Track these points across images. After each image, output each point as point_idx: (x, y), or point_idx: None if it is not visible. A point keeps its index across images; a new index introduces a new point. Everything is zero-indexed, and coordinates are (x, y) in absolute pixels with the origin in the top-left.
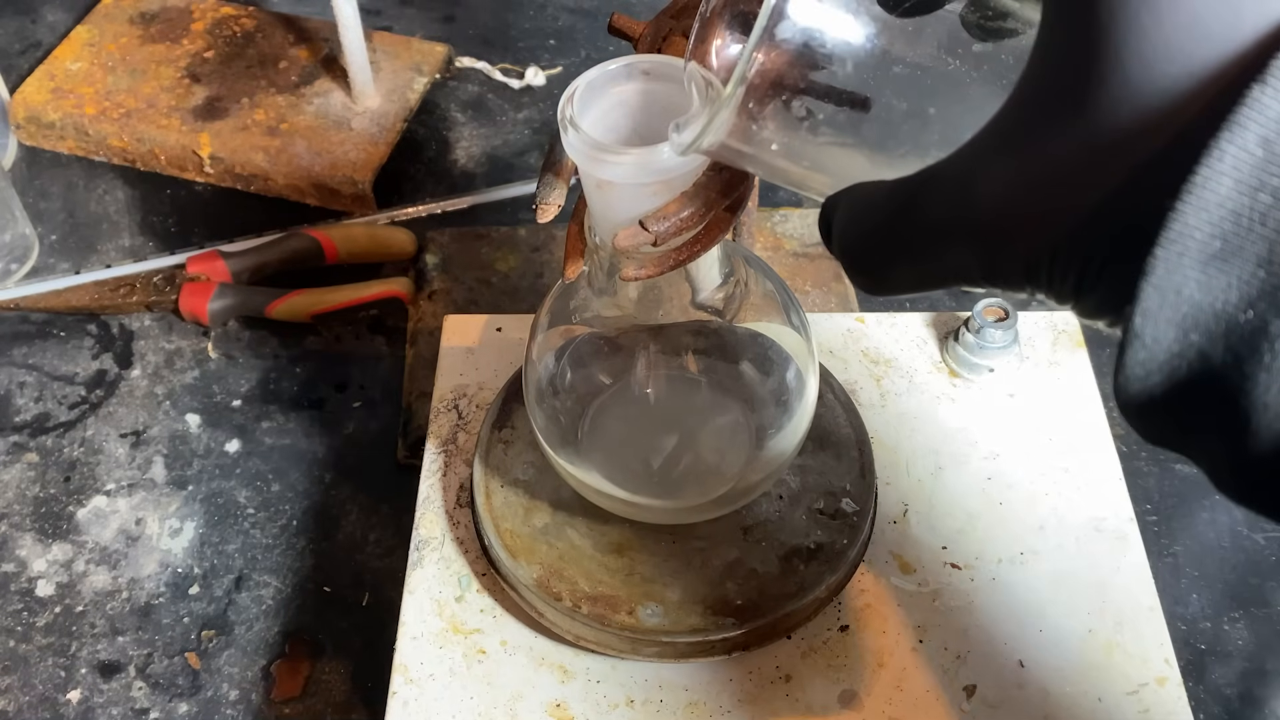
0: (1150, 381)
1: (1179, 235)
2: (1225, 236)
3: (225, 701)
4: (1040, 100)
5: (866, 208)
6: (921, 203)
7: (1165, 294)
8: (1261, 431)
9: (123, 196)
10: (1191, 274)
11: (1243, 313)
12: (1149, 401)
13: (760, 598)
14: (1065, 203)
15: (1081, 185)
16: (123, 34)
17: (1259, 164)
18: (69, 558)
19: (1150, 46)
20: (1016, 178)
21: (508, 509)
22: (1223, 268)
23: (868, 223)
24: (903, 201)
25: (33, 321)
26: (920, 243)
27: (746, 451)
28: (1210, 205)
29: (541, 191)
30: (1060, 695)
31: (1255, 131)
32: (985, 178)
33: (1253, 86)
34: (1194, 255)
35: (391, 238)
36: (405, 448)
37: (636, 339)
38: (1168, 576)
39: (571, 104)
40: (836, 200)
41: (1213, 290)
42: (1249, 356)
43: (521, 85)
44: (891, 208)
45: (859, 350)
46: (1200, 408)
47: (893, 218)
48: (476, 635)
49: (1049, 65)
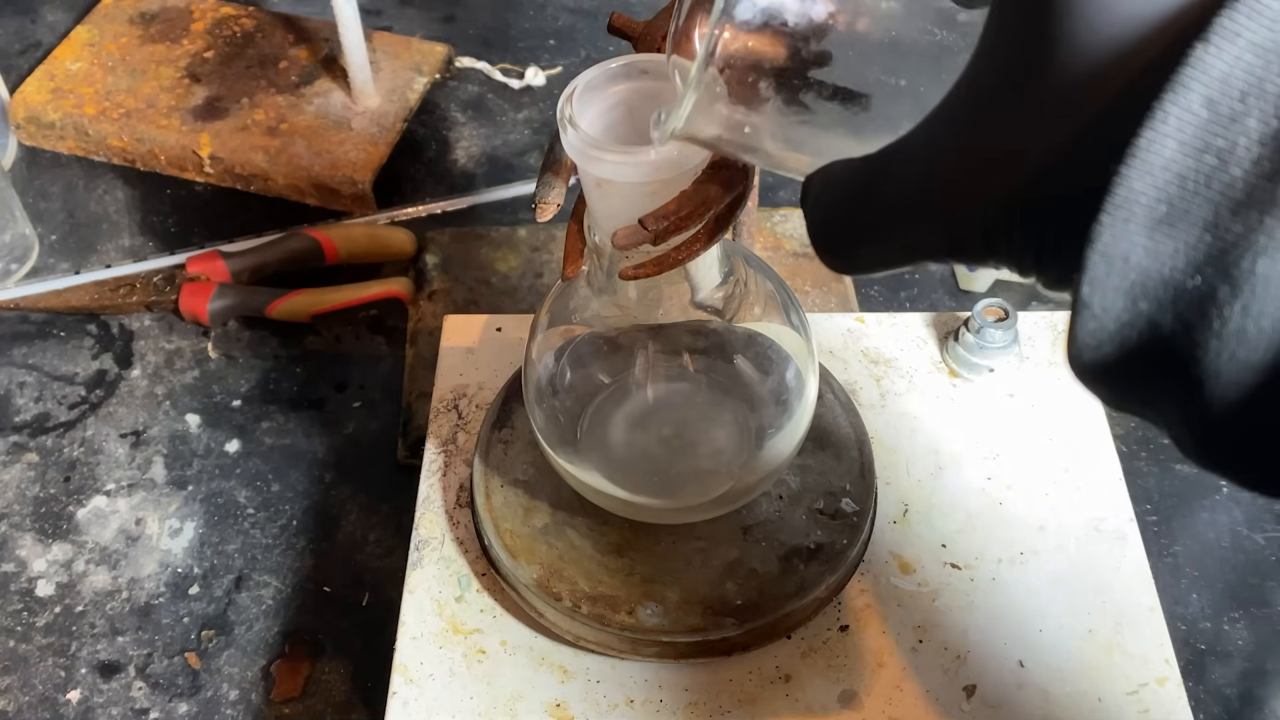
0: (1102, 351)
1: (1124, 200)
2: (1171, 201)
3: (225, 701)
4: (991, 67)
5: (833, 186)
6: (884, 179)
7: (1112, 261)
8: (1215, 399)
9: (123, 196)
10: (1138, 240)
11: (1190, 278)
12: (1103, 371)
13: (760, 598)
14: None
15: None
16: (123, 34)
17: (1203, 125)
18: (69, 558)
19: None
20: (970, 147)
21: (508, 509)
22: (1169, 233)
23: (832, 201)
24: (867, 178)
25: (33, 321)
26: (884, 220)
27: (746, 451)
28: (1155, 169)
29: (541, 191)
30: (1060, 695)
31: (1199, 92)
32: (941, 150)
33: (1195, 45)
34: (1140, 221)
35: (391, 238)
36: (405, 448)
37: (636, 339)
38: (1168, 576)
39: (571, 103)
40: (811, 179)
41: (1160, 256)
42: (1198, 323)
43: (521, 85)
44: (855, 185)
45: (859, 350)
46: (1154, 374)
47: (856, 195)
48: (476, 635)
49: (1000, 32)
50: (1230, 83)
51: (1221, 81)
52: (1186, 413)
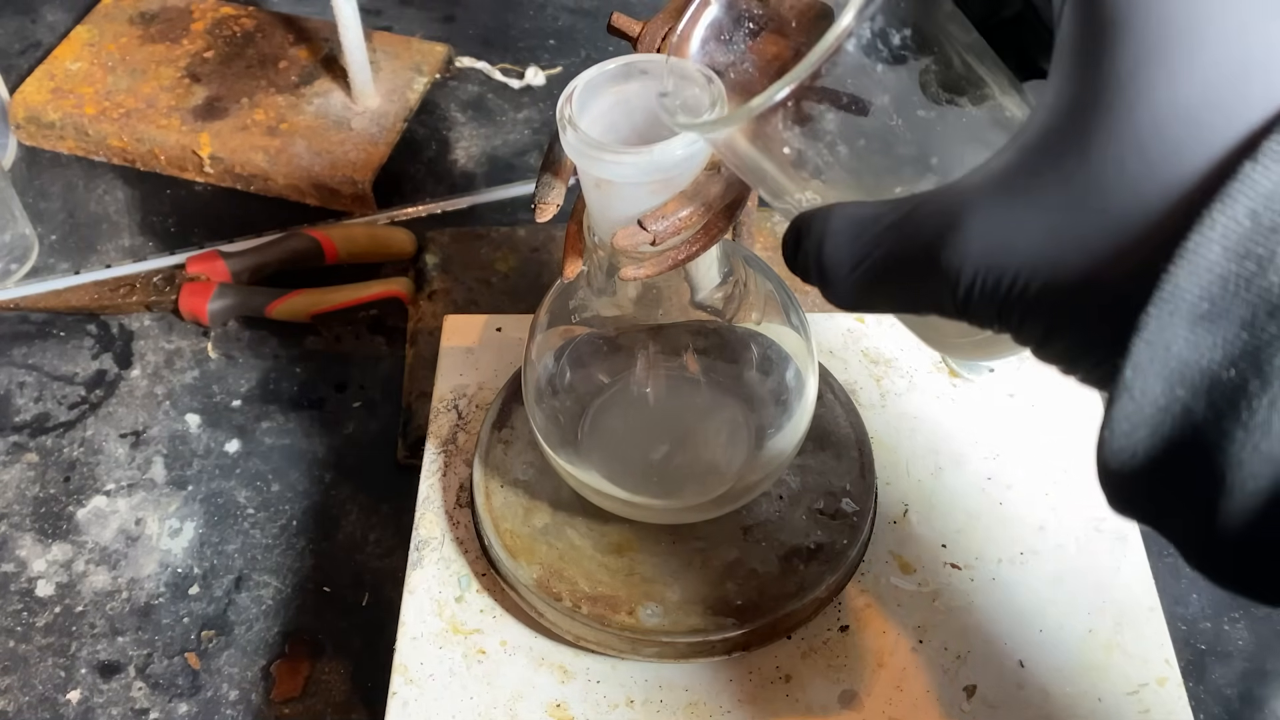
0: (1135, 436)
1: (1170, 296)
2: (1213, 299)
3: (225, 702)
4: (1044, 145)
5: (852, 228)
6: (911, 230)
7: (1155, 349)
8: (1236, 490)
9: (123, 196)
10: (1181, 332)
11: (1226, 371)
12: (1130, 458)
13: (760, 598)
14: (1051, 251)
15: (1071, 237)
16: (123, 34)
17: (1246, 234)
18: (69, 558)
19: (1160, 111)
20: (1008, 218)
21: (508, 509)
22: (1210, 328)
23: (851, 242)
24: (894, 226)
25: (33, 321)
26: (902, 269)
27: (746, 451)
28: (1200, 269)
29: (540, 191)
30: (1060, 695)
31: (1244, 204)
32: (977, 214)
33: (1245, 163)
34: (1184, 315)
35: (391, 238)
36: (405, 448)
37: (636, 339)
38: (1168, 576)
39: (570, 103)
40: (812, 217)
41: (1200, 348)
42: (1229, 413)
43: (521, 85)
44: (876, 231)
45: (859, 350)
46: (1180, 465)
47: (880, 240)
48: (476, 635)
49: (1058, 111)
50: (1274, 198)
51: (1266, 196)
52: (1205, 508)
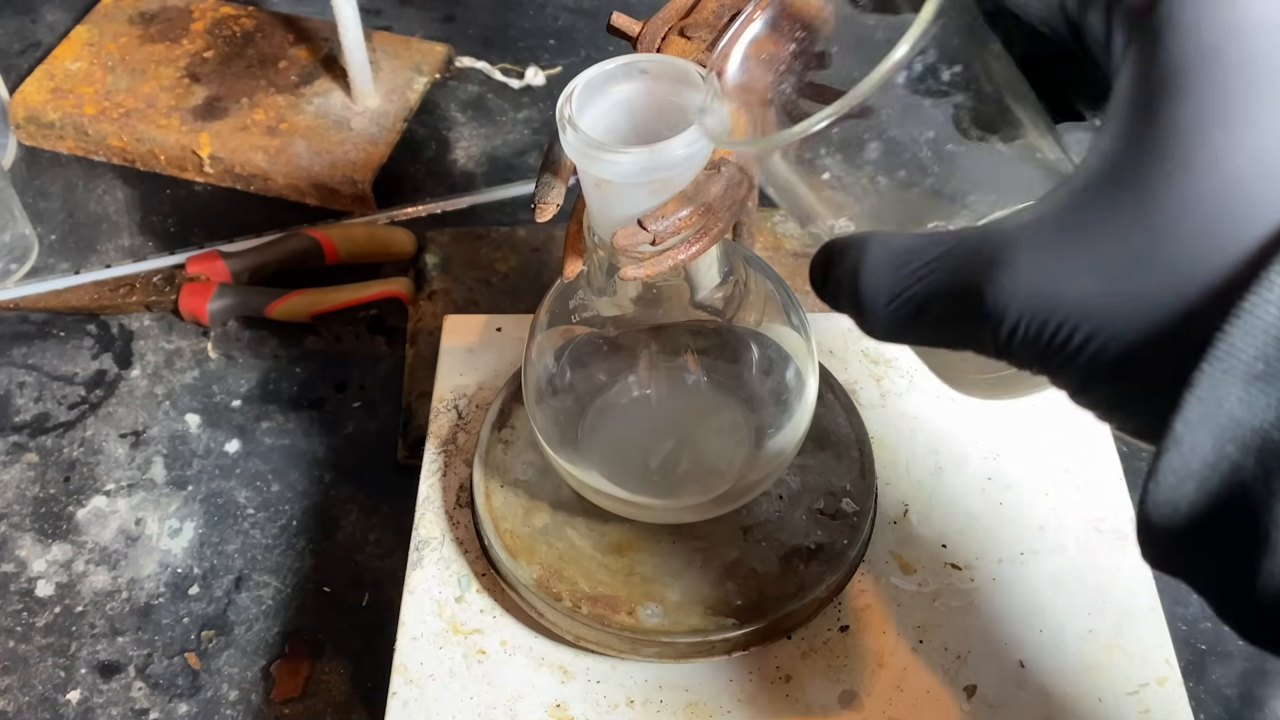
0: (1181, 490)
1: (1225, 354)
2: (1268, 360)
3: (225, 702)
4: (1098, 193)
5: (890, 259)
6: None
7: (1207, 406)
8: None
9: (122, 196)
10: (1234, 390)
11: (1278, 430)
12: (1173, 512)
13: (760, 598)
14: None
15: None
16: (122, 34)
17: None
18: (69, 558)
19: (1221, 169)
20: (1057, 263)
21: (508, 509)
22: (1264, 388)
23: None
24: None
25: (32, 321)
26: (943, 305)
27: (746, 451)
28: (1256, 330)
29: (540, 191)
30: (1060, 695)
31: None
32: (1025, 256)
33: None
34: (1238, 374)
35: (391, 238)
36: (405, 448)
37: (636, 339)
38: (1168, 577)
39: (570, 103)
40: (847, 245)
41: (1253, 408)
42: (1277, 471)
43: (521, 85)
44: (916, 264)
45: (859, 350)
46: (1224, 521)
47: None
48: (476, 635)
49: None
50: None
51: None
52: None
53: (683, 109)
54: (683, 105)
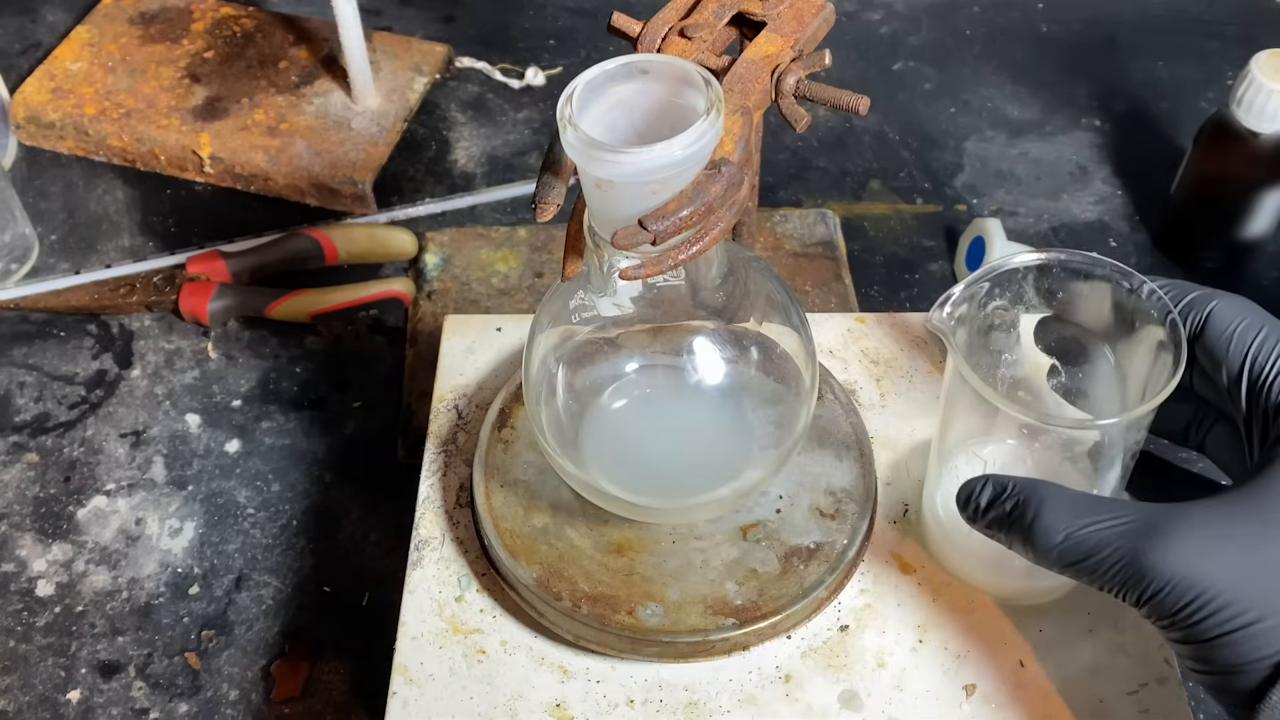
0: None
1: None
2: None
3: (225, 701)
4: (1237, 510)
5: (1070, 511)
6: (1125, 529)
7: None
8: None
9: (123, 196)
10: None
11: None
12: None
13: (760, 598)
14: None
15: (1249, 578)
16: (123, 34)
17: None
18: (69, 558)
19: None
20: (1205, 548)
21: (508, 509)
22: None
23: (1066, 521)
24: (1110, 521)
25: (33, 321)
26: (1109, 555)
27: (746, 451)
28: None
29: (541, 191)
30: (1060, 695)
31: None
32: (1183, 536)
33: None
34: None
35: (391, 238)
36: (405, 448)
37: (636, 339)
38: None
39: (570, 103)
40: (1028, 489)
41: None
42: None
43: (521, 85)
44: (1091, 519)
45: (859, 350)
46: None
47: (1095, 527)
48: (476, 635)
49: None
50: None
51: None
52: None
53: (683, 109)
54: (683, 105)
